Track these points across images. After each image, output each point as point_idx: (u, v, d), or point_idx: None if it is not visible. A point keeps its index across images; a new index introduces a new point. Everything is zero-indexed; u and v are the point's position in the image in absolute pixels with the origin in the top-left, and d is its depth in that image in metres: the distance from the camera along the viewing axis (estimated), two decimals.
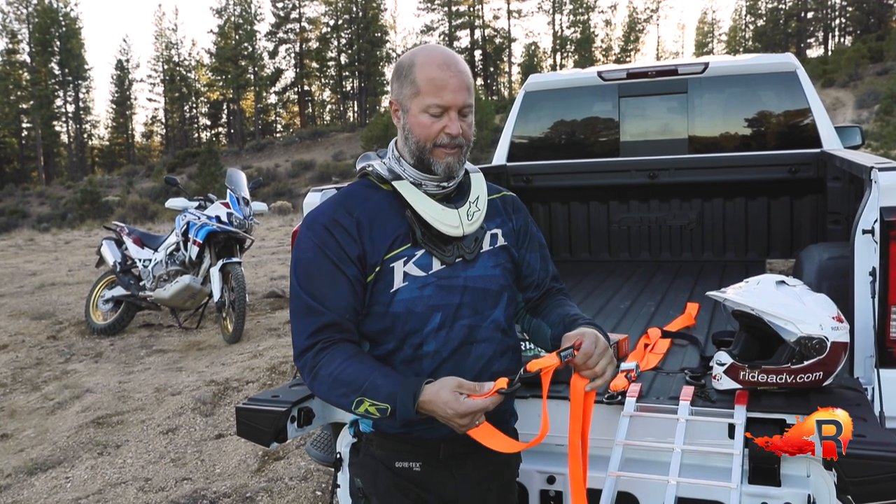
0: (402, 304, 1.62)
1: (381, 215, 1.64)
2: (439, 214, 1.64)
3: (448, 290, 1.65)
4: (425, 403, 1.45)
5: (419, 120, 1.60)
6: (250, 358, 5.88)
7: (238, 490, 3.67)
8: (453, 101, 1.59)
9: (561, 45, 69.65)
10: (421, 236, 1.63)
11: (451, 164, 1.63)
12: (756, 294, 2.05)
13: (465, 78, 1.61)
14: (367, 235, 1.62)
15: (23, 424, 4.86)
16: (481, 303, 1.69)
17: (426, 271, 1.63)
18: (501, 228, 1.78)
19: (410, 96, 1.61)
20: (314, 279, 1.61)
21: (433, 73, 1.58)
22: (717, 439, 1.97)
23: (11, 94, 60.13)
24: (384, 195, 1.68)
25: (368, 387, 1.48)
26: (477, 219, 1.70)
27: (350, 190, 1.73)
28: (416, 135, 1.61)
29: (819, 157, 4.00)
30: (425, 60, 1.61)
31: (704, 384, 2.17)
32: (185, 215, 6.76)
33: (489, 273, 1.71)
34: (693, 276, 4.02)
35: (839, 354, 1.99)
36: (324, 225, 1.63)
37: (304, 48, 69.46)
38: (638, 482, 1.94)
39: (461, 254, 1.67)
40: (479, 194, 1.75)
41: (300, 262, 1.64)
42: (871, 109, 31.34)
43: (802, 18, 67.61)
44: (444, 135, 1.60)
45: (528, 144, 4.71)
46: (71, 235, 20.10)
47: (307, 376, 1.59)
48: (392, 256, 1.62)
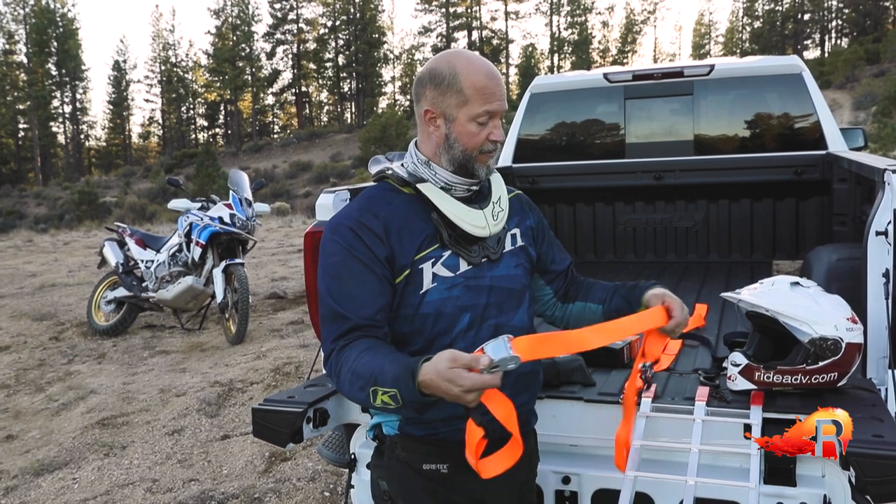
0: (431, 305, 1.63)
1: (406, 218, 1.65)
2: (466, 215, 1.66)
3: (475, 290, 1.66)
4: (426, 383, 1.37)
5: (467, 129, 1.61)
6: (254, 359, 5.88)
7: (246, 491, 3.67)
8: (500, 108, 1.63)
9: (558, 46, 69.75)
10: (448, 237, 1.65)
11: (491, 167, 1.69)
12: (771, 295, 2.06)
13: (503, 86, 1.66)
14: (396, 238, 1.62)
15: (28, 425, 4.85)
16: (507, 302, 1.71)
17: (454, 272, 1.65)
18: (519, 228, 1.82)
19: (457, 105, 1.61)
20: (343, 281, 1.59)
21: (481, 83, 1.60)
22: (733, 440, 1.98)
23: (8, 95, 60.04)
24: (406, 198, 1.68)
25: (378, 374, 1.45)
26: (501, 219, 1.73)
27: (372, 193, 1.72)
28: (464, 143, 1.63)
29: (825, 159, 4.02)
30: (469, 69, 1.61)
31: (719, 385, 2.18)
32: (187, 216, 6.76)
33: (512, 272, 1.74)
34: (699, 278, 4.03)
35: (854, 355, 2.00)
36: (350, 227, 1.62)
37: (301, 49, 69.44)
38: (654, 482, 1.95)
39: (486, 254, 1.69)
40: (500, 194, 1.77)
41: (328, 266, 1.63)
42: (869, 111, 31.40)
43: (799, 20, 67.76)
44: (490, 142, 1.63)
45: (534, 146, 4.72)
46: (69, 236, 20.07)
47: (334, 379, 1.58)
48: (421, 258, 1.63)
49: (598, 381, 2.30)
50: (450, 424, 1.62)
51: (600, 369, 2.41)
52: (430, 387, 1.37)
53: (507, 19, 70.18)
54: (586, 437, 2.18)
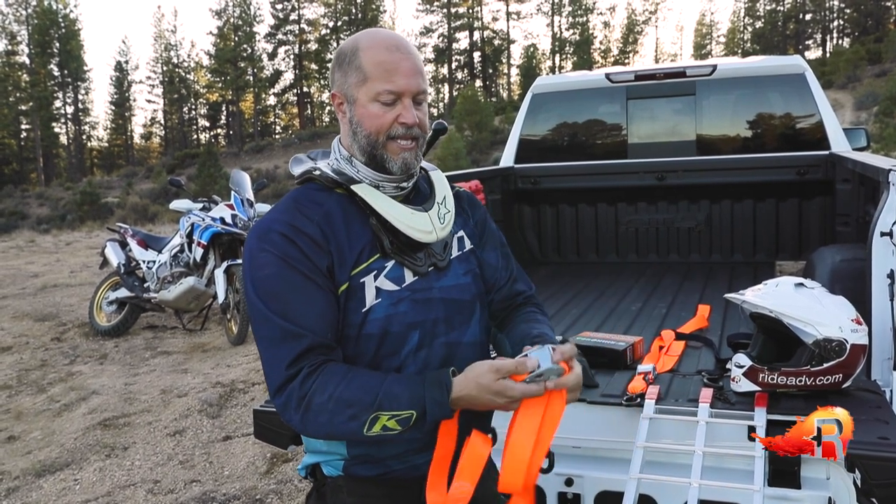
0: (376, 324, 1.41)
1: (340, 223, 1.43)
2: (409, 219, 1.45)
3: (423, 303, 1.45)
4: (460, 398, 1.29)
5: (369, 110, 1.41)
6: (255, 360, 5.87)
7: (248, 492, 3.67)
8: (407, 86, 1.40)
9: (560, 46, 69.71)
10: (389, 245, 1.44)
11: (408, 161, 1.44)
12: (775, 296, 2.05)
13: (417, 61, 1.43)
14: (334, 245, 1.40)
15: (29, 426, 4.85)
16: (457, 316, 1.50)
17: (399, 284, 1.43)
18: (465, 229, 1.60)
19: (357, 84, 1.41)
20: (283, 297, 1.36)
21: (382, 56, 1.39)
22: (737, 441, 1.97)
23: (10, 96, 60.03)
24: (338, 199, 1.46)
25: (384, 398, 1.29)
26: (448, 221, 1.52)
27: (299, 194, 1.48)
28: (367, 127, 1.41)
29: (828, 160, 4.01)
30: (371, 43, 1.42)
31: (722, 386, 2.17)
32: (189, 217, 6.76)
33: (462, 281, 1.53)
34: (702, 278, 4.02)
35: (858, 357, 1.99)
36: (281, 233, 1.38)
37: (303, 50, 69.46)
38: (657, 484, 1.94)
39: (433, 262, 1.49)
40: (444, 194, 1.56)
41: (260, 280, 1.37)
42: (870, 111, 31.35)
43: (801, 20, 67.68)
44: (399, 125, 1.41)
45: (536, 146, 4.72)
46: (71, 237, 20.07)
47: (295, 413, 1.32)
48: (361, 270, 1.41)
49: (600, 383, 2.29)
50: (403, 461, 1.46)
51: (603, 371, 2.40)
52: (463, 402, 1.30)
53: (509, 20, 70.19)
54: (589, 439, 2.17)
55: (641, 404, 2.08)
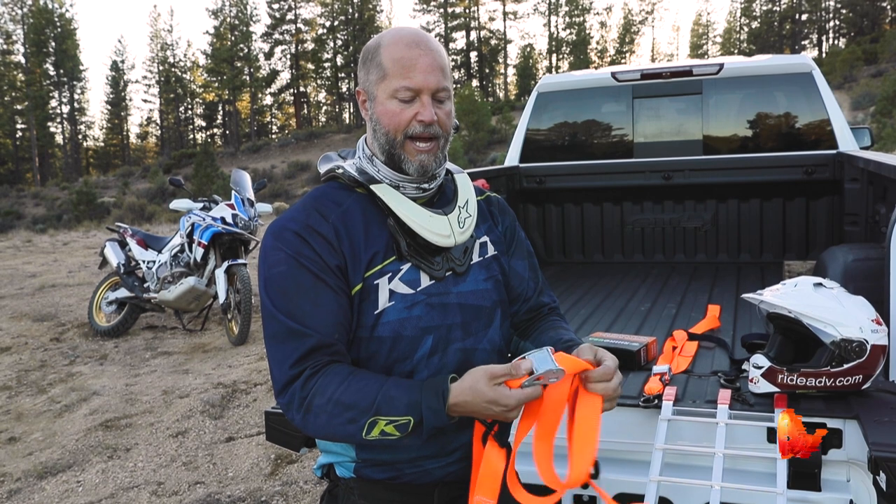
0: (388, 328, 1.39)
1: (357, 223, 1.41)
2: (427, 222, 1.42)
3: (439, 308, 1.43)
4: (458, 405, 1.26)
5: (387, 107, 1.38)
6: (257, 360, 5.84)
7: (252, 494, 3.63)
8: (424, 82, 1.37)
9: (556, 46, 69.75)
10: (406, 248, 1.41)
11: (425, 163, 1.41)
12: (794, 296, 2.02)
13: (438, 57, 1.39)
14: (347, 245, 1.39)
15: (30, 427, 4.80)
16: (475, 322, 1.47)
17: (414, 288, 1.41)
18: (490, 235, 1.58)
19: (377, 81, 1.39)
20: (292, 296, 1.35)
21: (400, 53, 1.37)
22: (756, 443, 1.95)
23: (6, 96, 59.92)
24: (358, 199, 1.45)
25: (381, 402, 1.26)
26: (469, 226, 1.49)
27: (319, 193, 1.47)
28: (385, 125, 1.39)
29: (836, 159, 3.99)
30: (392, 40, 1.39)
31: (740, 387, 2.14)
32: (189, 217, 6.72)
33: (481, 287, 1.50)
34: (709, 278, 4.00)
35: (878, 357, 1.97)
36: (295, 232, 1.38)
37: (299, 49, 69.37)
38: (677, 487, 1.92)
39: (451, 266, 1.46)
40: (467, 198, 1.53)
41: (272, 278, 1.38)
42: (867, 111, 31.41)
43: (797, 20, 67.82)
44: (417, 123, 1.37)
45: (541, 145, 4.69)
46: (69, 237, 19.99)
47: (297, 412, 1.32)
48: (375, 272, 1.39)
49: None
50: (416, 465, 1.43)
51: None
52: (460, 409, 1.26)
53: (506, 20, 70.21)
54: (605, 441, 2.14)
55: (659, 406, 2.05)
